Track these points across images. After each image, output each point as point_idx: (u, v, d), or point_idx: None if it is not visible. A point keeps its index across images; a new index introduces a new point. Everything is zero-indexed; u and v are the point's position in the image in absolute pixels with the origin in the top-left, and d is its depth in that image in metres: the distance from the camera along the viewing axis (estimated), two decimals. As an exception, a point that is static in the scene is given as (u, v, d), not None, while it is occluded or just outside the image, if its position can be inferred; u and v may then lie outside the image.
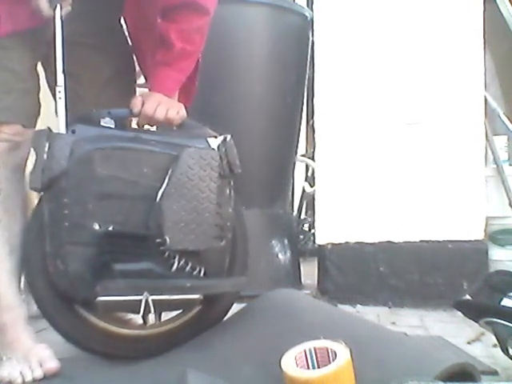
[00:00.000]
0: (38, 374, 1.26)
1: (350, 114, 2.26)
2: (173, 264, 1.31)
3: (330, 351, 1.08)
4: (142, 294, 1.27)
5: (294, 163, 2.69)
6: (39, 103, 1.40)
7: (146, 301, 1.27)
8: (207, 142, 1.39)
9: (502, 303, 1.29)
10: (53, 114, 1.36)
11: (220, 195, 1.36)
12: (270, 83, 2.33)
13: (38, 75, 1.41)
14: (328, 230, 2.26)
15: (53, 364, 1.28)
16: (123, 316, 1.51)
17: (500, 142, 2.45)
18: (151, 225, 1.29)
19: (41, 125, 1.37)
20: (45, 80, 1.50)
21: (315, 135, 2.31)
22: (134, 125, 1.54)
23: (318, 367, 1.07)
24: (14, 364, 1.27)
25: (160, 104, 1.40)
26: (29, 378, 1.25)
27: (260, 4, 2.27)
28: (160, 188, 1.30)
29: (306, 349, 1.10)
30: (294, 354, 1.09)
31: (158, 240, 1.29)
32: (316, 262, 2.39)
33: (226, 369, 1.26)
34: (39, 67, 1.44)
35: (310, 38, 2.40)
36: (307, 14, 2.43)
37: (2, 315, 1.30)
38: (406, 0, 2.25)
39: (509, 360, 1.28)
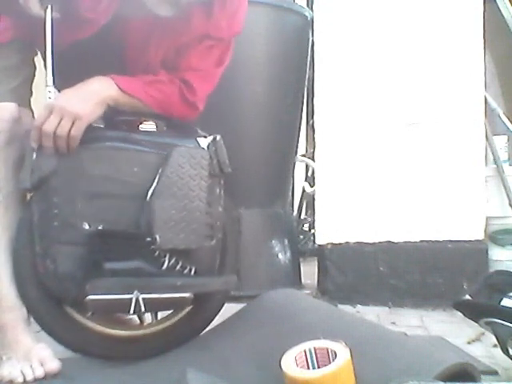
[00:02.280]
0: (40, 373, 1.26)
1: (350, 114, 2.26)
2: (163, 263, 1.31)
3: (329, 351, 1.08)
4: (132, 293, 1.27)
5: (294, 163, 2.69)
6: (31, 91, 1.39)
7: (137, 299, 1.27)
8: (197, 141, 1.38)
9: (502, 303, 1.29)
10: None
11: (210, 194, 1.36)
12: (270, 83, 2.33)
13: (34, 65, 1.41)
14: (328, 230, 2.26)
15: (54, 364, 1.28)
16: (122, 316, 1.51)
17: (500, 141, 2.45)
18: (141, 224, 1.29)
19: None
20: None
21: (315, 135, 2.31)
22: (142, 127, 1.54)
23: (318, 367, 1.08)
24: (15, 363, 1.27)
25: (53, 110, 1.26)
26: (30, 377, 1.25)
27: (260, 4, 2.27)
28: (150, 187, 1.29)
29: (306, 349, 1.10)
30: (294, 354, 1.09)
31: (148, 239, 1.28)
32: (316, 262, 2.39)
33: (226, 369, 1.26)
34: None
35: (310, 38, 2.40)
36: (307, 14, 2.43)
37: (3, 315, 1.30)
38: (406, 0, 2.25)
39: (509, 360, 1.28)
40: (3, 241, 1.30)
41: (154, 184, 1.30)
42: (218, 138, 1.40)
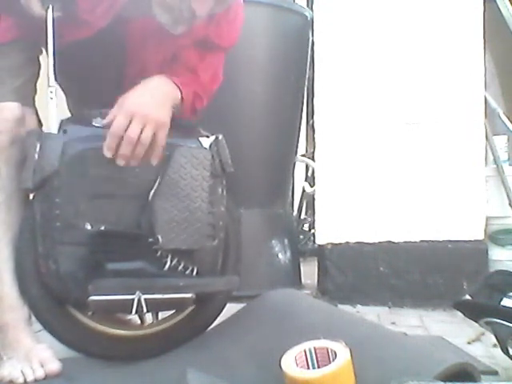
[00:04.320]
0: (40, 374, 1.25)
1: (349, 114, 2.26)
2: (165, 263, 1.31)
3: (329, 351, 1.08)
4: (134, 293, 1.26)
5: (294, 163, 2.69)
6: (35, 89, 1.39)
7: (139, 300, 1.26)
8: (199, 141, 1.38)
9: (502, 303, 1.29)
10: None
11: (212, 194, 1.36)
12: (270, 83, 2.33)
13: (39, 64, 1.40)
14: (328, 230, 2.26)
15: (55, 365, 1.27)
16: (122, 316, 1.51)
17: (500, 141, 2.45)
18: (143, 224, 1.29)
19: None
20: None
21: (315, 135, 2.31)
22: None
23: (318, 367, 1.07)
24: (15, 363, 1.27)
25: (134, 117, 1.24)
26: (30, 377, 1.25)
27: (260, 4, 2.27)
28: (152, 187, 1.29)
29: (306, 349, 1.10)
30: (294, 353, 1.09)
31: (150, 239, 1.28)
32: (316, 262, 2.39)
33: (226, 369, 1.26)
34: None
35: (310, 38, 2.40)
36: (307, 14, 2.43)
37: (4, 315, 1.30)
38: (406, 0, 2.25)
39: (509, 360, 1.28)
40: (5, 240, 1.30)
41: (156, 184, 1.29)
42: (221, 137, 1.40)
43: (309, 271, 2.51)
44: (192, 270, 1.34)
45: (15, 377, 1.25)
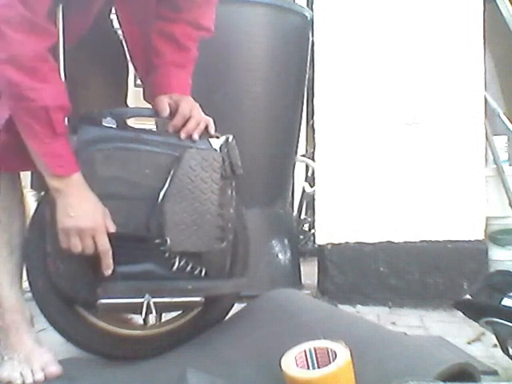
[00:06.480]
0: (39, 377, 1.26)
1: (349, 114, 2.26)
2: (173, 264, 1.31)
3: (329, 351, 1.08)
4: (143, 297, 1.27)
5: (294, 163, 2.69)
6: None
7: (148, 303, 1.27)
8: (209, 142, 1.37)
9: (502, 303, 1.29)
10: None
11: (222, 196, 1.35)
12: (270, 83, 2.33)
13: None
14: (328, 230, 2.26)
15: (54, 368, 1.28)
16: (124, 316, 1.51)
17: (500, 142, 2.45)
18: (152, 226, 1.28)
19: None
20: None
21: (315, 135, 2.31)
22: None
23: (318, 367, 1.08)
24: (15, 365, 1.27)
25: (194, 107, 1.39)
26: (29, 380, 1.25)
27: (260, 4, 2.27)
28: (161, 189, 1.29)
29: (306, 349, 1.10)
30: (294, 354, 1.09)
31: (158, 241, 1.29)
32: (316, 262, 2.39)
33: (226, 369, 1.26)
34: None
35: (310, 38, 2.40)
36: (307, 14, 2.43)
37: (5, 317, 1.30)
38: (406, 0, 2.25)
39: (509, 360, 1.28)
40: (2, 242, 1.30)
41: (166, 186, 1.29)
42: (231, 138, 1.39)
43: (309, 271, 2.51)
44: (200, 271, 1.34)
45: (14, 378, 1.25)
